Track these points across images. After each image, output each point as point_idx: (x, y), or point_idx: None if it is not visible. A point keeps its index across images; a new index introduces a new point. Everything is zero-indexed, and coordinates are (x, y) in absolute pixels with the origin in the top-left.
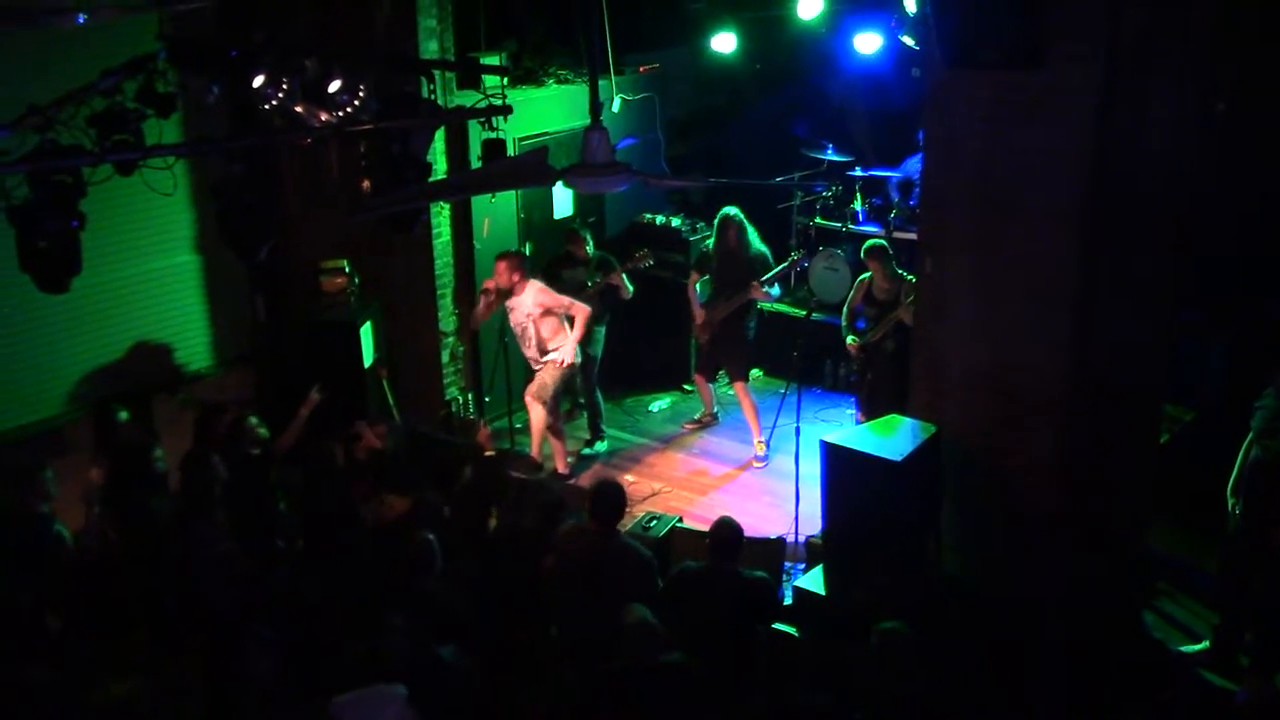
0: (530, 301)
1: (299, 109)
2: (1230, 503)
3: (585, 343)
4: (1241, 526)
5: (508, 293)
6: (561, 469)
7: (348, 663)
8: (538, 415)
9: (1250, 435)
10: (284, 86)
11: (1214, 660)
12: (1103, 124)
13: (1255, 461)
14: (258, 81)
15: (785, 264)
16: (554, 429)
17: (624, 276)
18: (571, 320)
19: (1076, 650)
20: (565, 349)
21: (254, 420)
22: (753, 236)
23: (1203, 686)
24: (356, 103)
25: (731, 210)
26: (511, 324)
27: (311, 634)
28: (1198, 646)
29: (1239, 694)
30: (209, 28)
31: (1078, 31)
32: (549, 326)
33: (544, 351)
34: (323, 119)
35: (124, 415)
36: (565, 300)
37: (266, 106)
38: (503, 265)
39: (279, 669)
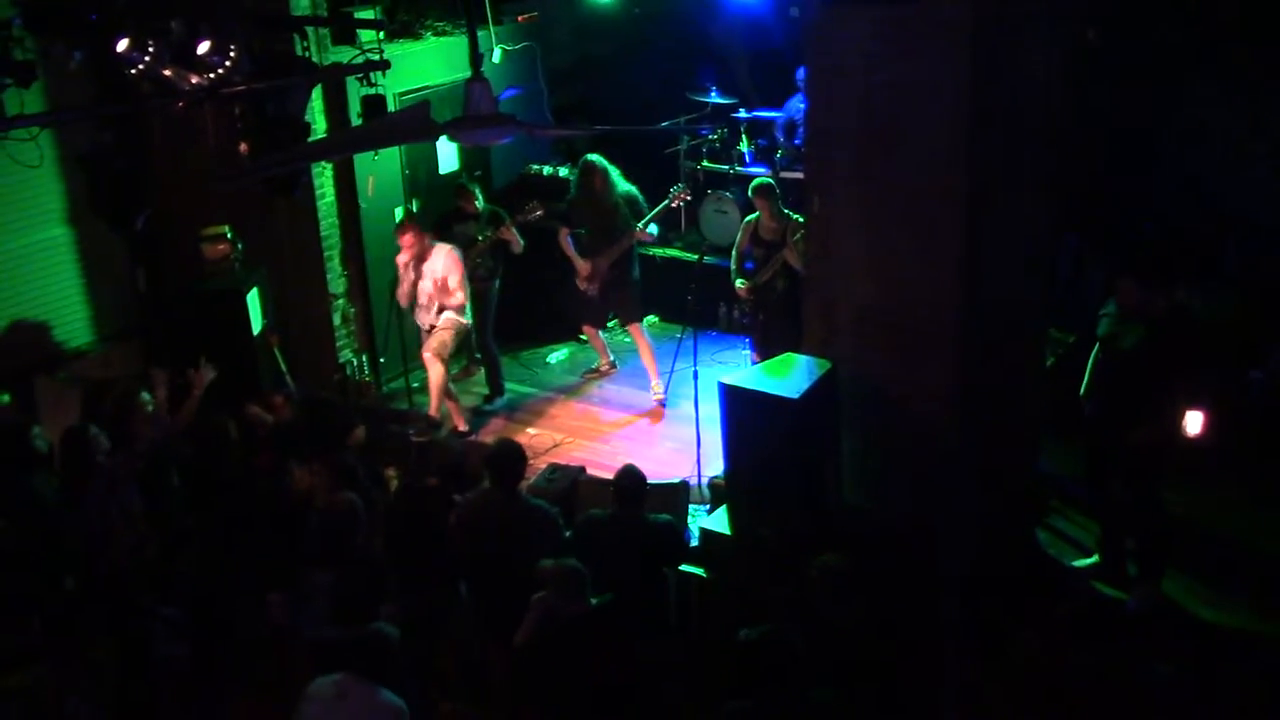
0: (441, 266)
1: (168, 72)
2: (1086, 408)
3: (480, 295)
4: (1094, 430)
5: (421, 259)
6: (461, 426)
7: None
8: (438, 373)
9: (1097, 344)
10: (150, 50)
11: (1104, 572)
12: (979, 55)
13: (1102, 366)
14: (122, 45)
15: (665, 203)
16: (445, 389)
17: (514, 230)
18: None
19: (974, 571)
20: (459, 312)
21: (144, 396)
22: (616, 177)
23: (1095, 598)
24: (228, 63)
25: (593, 156)
26: (418, 289)
27: (217, 612)
28: (1088, 560)
29: (1129, 602)
30: None
31: None
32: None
33: (442, 311)
34: (193, 82)
35: (4, 398)
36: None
37: (133, 71)
38: (409, 236)
39: (188, 651)
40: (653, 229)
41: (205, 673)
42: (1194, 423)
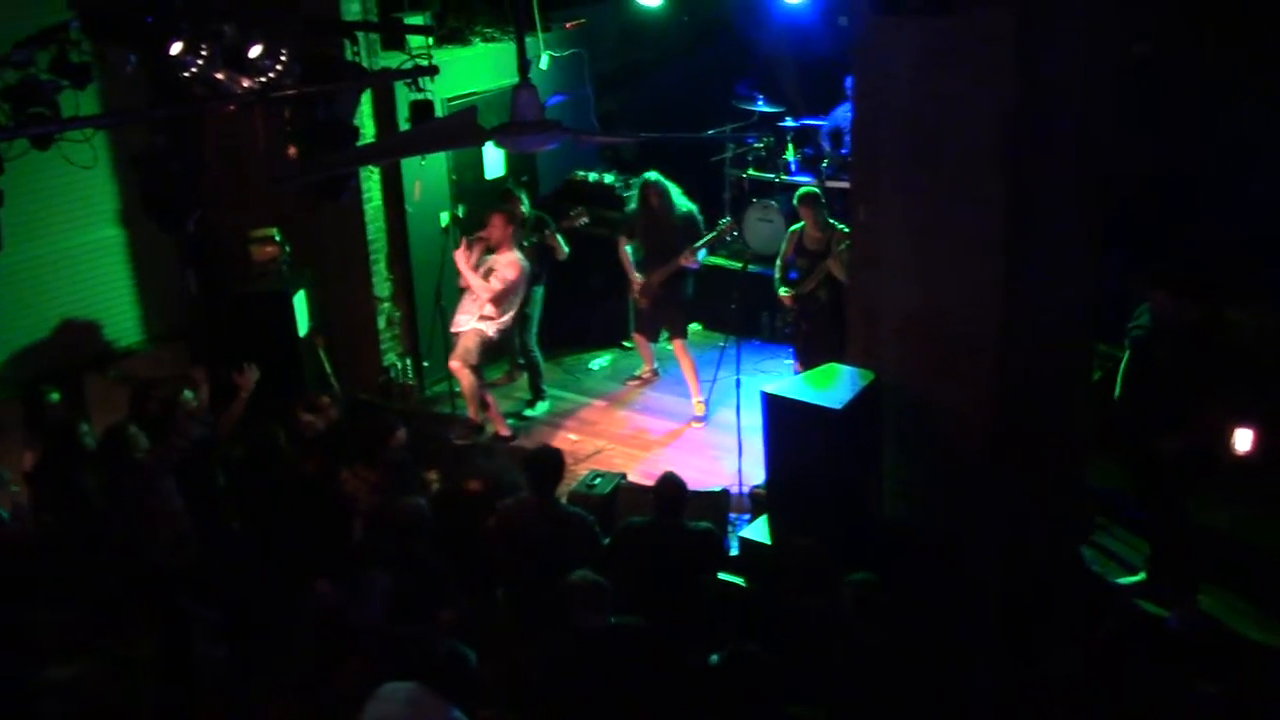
0: (502, 265)
1: (220, 76)
2: (1119, 411)
3: (524, 303)
4: (1125, 438)
5: (492, 249)
6: (503, 431)
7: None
8: (468, 380)
9: (1127, 354)
10: (203, 53)
11: (1150, 590)
12: (1023, 66)
13: (1133, 375)
14: (175, 49)
15: (715, 232)
16: (480, 395)
17: (559, 236)
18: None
19: (1016, 587)
20: (495, 324)
21: (188, 395)
22: (676, 196)
23: (1138, 616)
24: (279, 68)
25: (651, 175)
26: (477, 274)
27: (256, 614)
28: (1134, 578)
29: (1169, 620)
30: None
31: None
32: (500, 296)
33: (482, 316)
34: (245, 85)
35: (54, 396)
36: (501, 290)
37: (186, 74)
38: (500, 219)
39: (227, 653)
40: (701, 255)
41: (244, 674)
42: (1243, 440)
